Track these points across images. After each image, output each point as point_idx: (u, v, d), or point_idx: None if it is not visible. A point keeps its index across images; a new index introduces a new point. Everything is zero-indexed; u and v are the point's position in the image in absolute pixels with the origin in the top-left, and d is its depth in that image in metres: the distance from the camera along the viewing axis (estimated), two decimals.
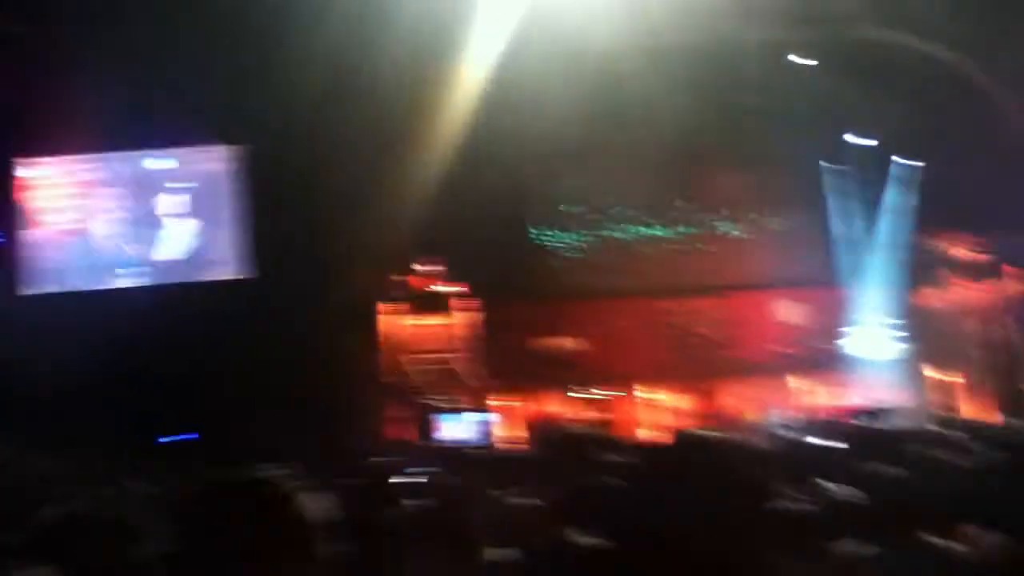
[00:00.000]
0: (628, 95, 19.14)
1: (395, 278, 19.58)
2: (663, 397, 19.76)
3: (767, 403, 19.21)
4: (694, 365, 20.52)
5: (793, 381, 20.06)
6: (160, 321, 17.50)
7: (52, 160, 20.43)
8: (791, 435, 14.01)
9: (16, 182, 20.16)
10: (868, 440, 6.49)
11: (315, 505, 1.81)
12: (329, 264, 17.73)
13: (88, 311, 18.42)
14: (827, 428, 10.97)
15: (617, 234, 22.05)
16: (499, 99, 18.25)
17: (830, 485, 4.85)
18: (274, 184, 18.57)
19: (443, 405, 18.21)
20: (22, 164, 20.21)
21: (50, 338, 17.25)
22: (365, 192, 18.33)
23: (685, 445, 2.01)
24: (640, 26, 18.41)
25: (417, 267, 19.64)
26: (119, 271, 20.21)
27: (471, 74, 18.72)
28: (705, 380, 19.97)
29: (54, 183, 20.47)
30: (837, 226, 21.98)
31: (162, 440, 18.24)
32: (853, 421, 12.48)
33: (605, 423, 18.01)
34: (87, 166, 20.56)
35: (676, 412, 19.22)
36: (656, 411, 19.51)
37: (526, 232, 21.65)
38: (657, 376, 20.02)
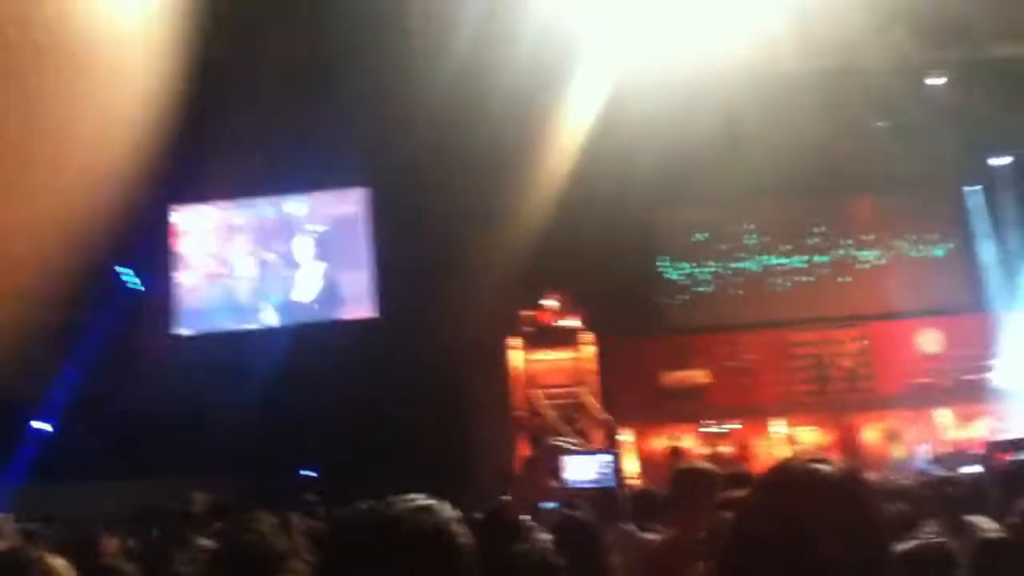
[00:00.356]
0: (758, 122, 18.86)
1: (522, 313, 19.70)
2: (799, 432, 19.05)
3: (911, 437, 18.32)
4: (832, 398, 19.76)
5: (939, 414, 18.98)
6: (296, 359, 18.16)
7: (200, 206, 21.67)
8: (937, 471, 13.34)
9: (169, 228, 21.45)
10: (1021, 475, 6.11)
11: (468, 535, 1.84)
12: (455, 301, 18.00)
13: (231, 350, 19.32)
14: (976, 463, 10.40)
15: (748, 265, 21.55)
16: (626, 132, 18.26)
17: (980, 522, 4.61)
18: (401, 226, 19.05)
19: (570, 441, 18.14)
20: (174, 210, 21.50)
21: (197, 376, 18.17)
22: (490, 229, 18.60)
23: (803, 482, 1.84)
24: (770, 52, 18.21)
25: (544, 302, 19.71)
26: (260, 312, 21.16)
27: (595, 109, 18.85)
28: (844, 414, 19.13)
29: (202, 228, 21.68)
30: (983, 250, 20.93)
31: (302, 473, 18.88)
32: (1004, 455, 11.70)
33: (738, 459, 17.56)
34: (231, 211, 21.70)
35: (814, 448, 18.43)
36: (792, 447, 18.81)
37: (654, 265, 21.42)
38: (792, 410, 19.31)
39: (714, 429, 19.02)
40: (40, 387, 18.45)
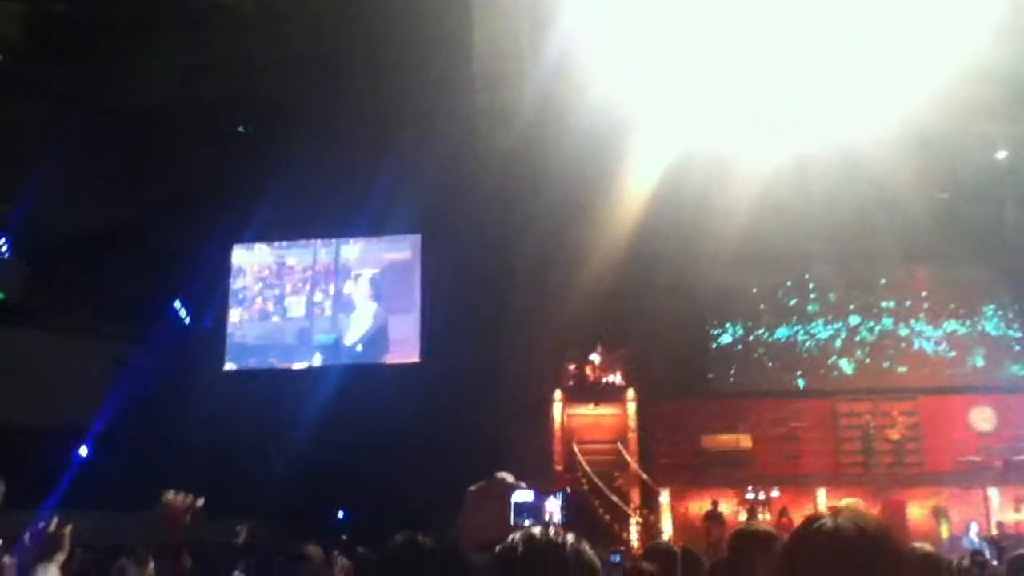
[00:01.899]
0: (818, 190, 18.79)
1: (567, 367, 19.70)
2: (847, 504, 18.56)
3: (959, 516, 17.76)
4: (878, 471, 19.29)
5: (989, 493, 18.36)
6: (339, 401, 18.34)
7: (257, 245, 22.19)
8: (988, 552, 12.96)
9: (226, 266, 21.97)
10: None
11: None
12: (500, 351, 18.08)
13: (277, 388, 19.59)
14: None
15: (799, 331, 21.28)
16: (683, 196, 18.32)
17: None
18: (451, 274, 19.24)
19: (615, 500, 17.97)
20: (235, 251, 22.04)
21: (242, 412, 18.46)
22: (541, 284, 18.72)
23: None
24: (834, 120, 18.23)
25: (593, 357, 19.70)
26: (307, 352, 21.43)
27: (654, 172, 18.99)
28: (890, 488, 18.62)
29: (257, 267, 22.17)
30: None
31: (341, 515, 18.97)
32: None
33: (777, 528, 17.20)
34: (286, 252, 22.17)
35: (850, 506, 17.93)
36: None
37: (703, 327, 21.25)
38: (836, 481, 18.85)
39: (755, 495, 18.64)
40: (86, 417, 18.85)
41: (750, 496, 18.65)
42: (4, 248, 21.60)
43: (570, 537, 1.89)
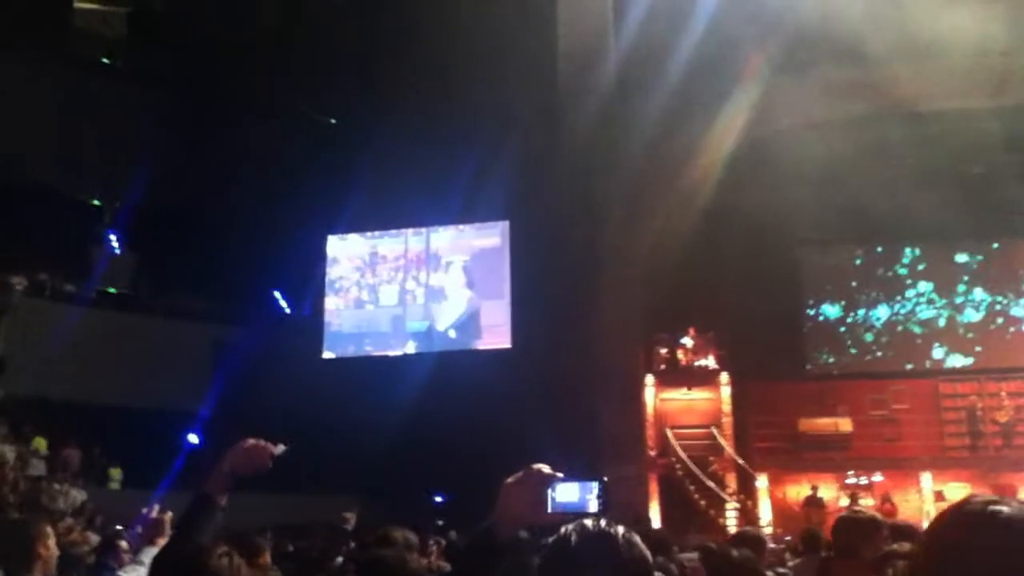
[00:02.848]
0: (919, 162, 18.19)
1: (661, 351, 19.56)
2: (948, 488, 18.00)
3: None
4: (985, 454, 18.63)
5: None
6: (433, 387, 18.61)
7: (352, 235, 22.62)
8: None
9: (324, 256, 22.50)
10: None
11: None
12: (591, 335, 18.06)
13: (372, 375, 20.00)
14: None
15: (900, 310, 20.65)
16: (779, 169, 17.94)
17: None
18: (541, 259, 19.27)
19: (711, 485, 17.84)
20: (330, 240, 22.54)
21: (339, 398, 18.93)
22: (631, 266, 18.62)
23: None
24: (932, 90, 17.63)
25: (685, 341, 19.52)
26: (401, 339, 21.74)
27: (743, 145, 18.68)
28: (997, 471, 17.94)
29: (352, 256, 22.61)
30: None
31: (435, 498, 19.30)
32: None
33: (880, 513, 16.81)
34: (380, 241, 22.53)
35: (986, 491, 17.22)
36: (944, 504, 17.78)
37: (800, 307, 20.81)
38: (941, 465, 18.28)
39: (855, 480, 18.23)
40: (195, 401, 19.59)
41: (851, 481, 18.26)
42: (115, 243, 22.56)
43: (621, 528, 1.92)
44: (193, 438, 19.62)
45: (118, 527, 8.63)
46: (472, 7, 19.14)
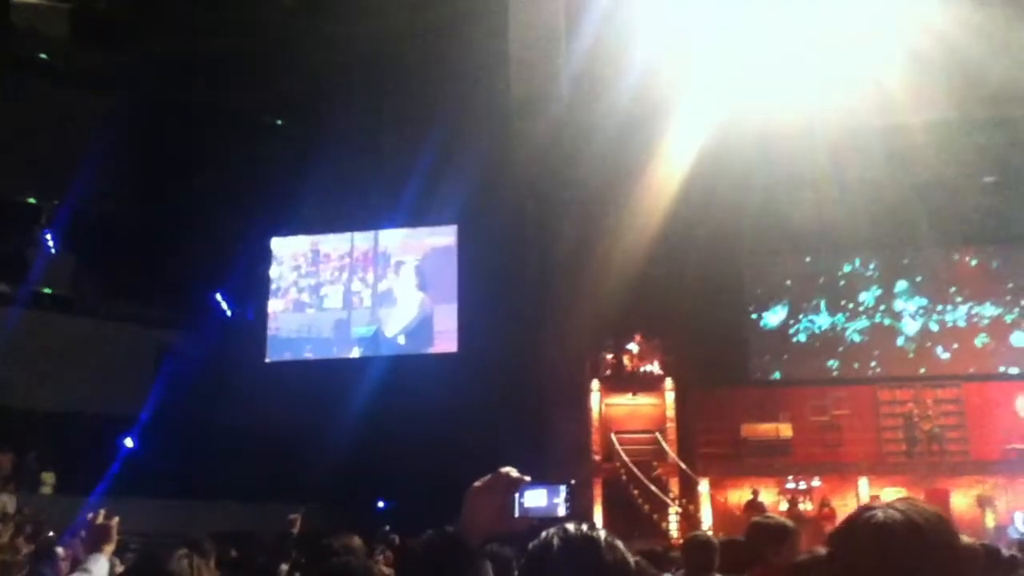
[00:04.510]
0: (861, 172, 18.56)
1: (607, 357, 19.67)
2: (885, 493, 18.36)
3: (1005, 506, 17.53)
4: (921, 460, 19.04)
5: None
6: (378, 391, 18.50)
7: (297, 237, 22.30)
8: None
9: (267, 258, 22.18)
10: None
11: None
12: (538, 341, 18.11)
13: (316, 380, 19.78)
14: None
15: (839, 318, 21.03)
16: (723, 180, 18.22)
17: None
18: (489, 264, 19.28)
19: (654, 490, 17.96)
20: (273, 241, 22.20)
21: (282, 403, 18.70)
22: (578, 271, 18.70)
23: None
24: (875, 103, 18.00)
25: (631, 347, 19.65)
26: (347, 343, 21.42)
27: (691, 155, 18.88)
28: (934, 477, 18.38)
29: (296, 258, 22.30)
30: None
31: (378, 504, 19.16)
32: None
33: (819, 517, 17.10)
34: (327, 242, 22.24)
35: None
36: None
37: (743, 315, 21.08)
38: (879, 470, 18.66)
39: (795, 485, 18.52)
40: (134, 406, 19.22)
41: (791, 485, 18.55)
42: (51, 243, 22.04)
43: (603, 533, 1.91)
44: (129, 443, 19.24)
45: (50, 533, 8.43)
46: (424, 11, 19.12)
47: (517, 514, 2.06)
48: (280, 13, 22.30)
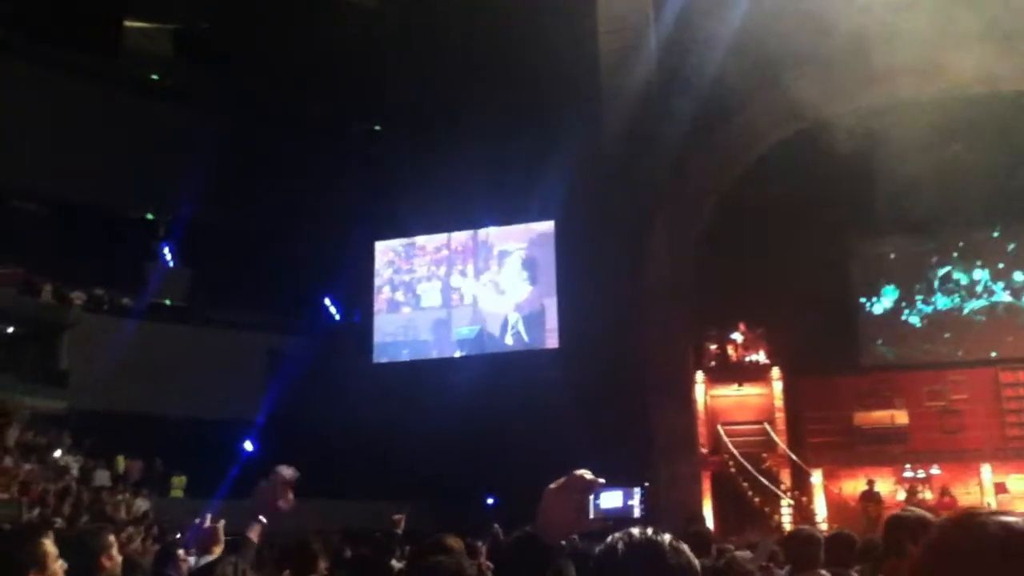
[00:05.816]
0: (973, 150, 17.82)
1: (711, 347, 19.41)
2: (1009, 480, 17.61)
3: None
4: None
5: None
6: (483, 389, 18.67)
7: (407, 247, 22.42)
8: None
9: (371, 262, 22.57)
10: None
11: None
12: (640, 334, 17.98)
13: (422, 379, 20.11)
14: None
15: (956, 300, 20.20)
16: (827, 161, 17.75)
17: None
18: (588, 256, 19.22)
19: (765, 482, 17.66)
20: (378, 246, 22.47)
21: (389, 403, 19.12)
22: (678, 263, 18.52)
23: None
24: (987, 75, 17.28)
25: (734, 336, 19.35)
26: (451, 345, 21.41)
27: (790, 138, 18.50)
28: None
29: (401, 261, 22.56)
30: None
31: (487, 500, 19.38)
32: None
33: (939, 507, 16.48)
34: (433, 254, 22.17)
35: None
36: (1008, 496, 17.38)
37: (852, 299, 20.45)
38: (1001, 456, 17.87)
39: (913, 474, 17.91)
40: (251, 410, 19.93)
41: (908, 474, 17.96)
42: (168, 257, 23.06)
43: (667, 536, 1.94)
44: (248, 446, 19.97)
45: (177, 536, 8.84)
46: (510, 11, 19.25)
47: (592, 515, 2.11)
48: (370, 20, 22.81)
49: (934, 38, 15.99)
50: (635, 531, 1.96)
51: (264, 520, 3.68)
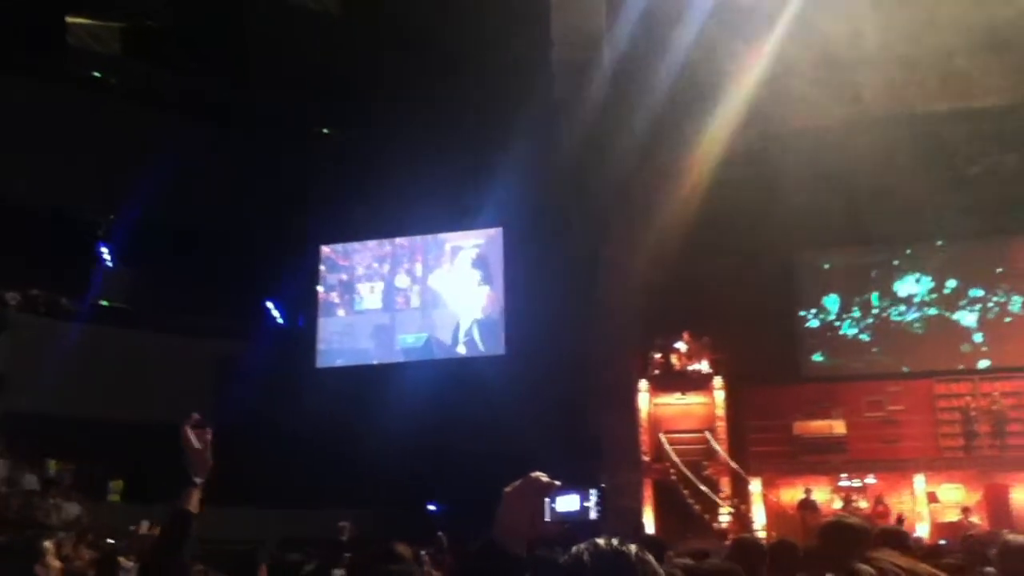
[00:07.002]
0: (911, 164, 18.26)
1: (655, 356, 19.60)
2: (942, 489, 18.06)
3: None
4: (979, 454, 18.66)
5: None
6: (429, 394, 18.64)
7: (346, 244, 22.48)
8: None
9: (316, 266, 22.48)
10: None
11: None
12: (584, 342, 18.12)
13: (367, 385, 19.99)
14: None
15: (892, 312, 20.67)
16: (770, 172, 18.07)
17: None
18: (535, 264, 19.33)
19: (705, 490, 17.87)
20: (324, 249, 22.44)
21: (334, 409, 18.97)
22: (624, 273, 18.68)
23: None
24: (923, 92, 17.76)
25: (678, 345, 19.56)
26: (394, 354, 21.30)
27: (735, 149, 18.79)
28: (992, 472, 17.99)
29: (346, 266, 22.51)
30: None
31: (429, 507, 19.32)
32: None
33: (874, 515, 16.82)
34: (375, 250, 22.36)
35: (963, 508, 17.29)
36: (939, 505, 17.83)
37: (793, 311, 20.82)
38: (935, 466, 18.33)
39: (849, 483, 18.27)
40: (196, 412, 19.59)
41: (844, 483, 18.31)
42: (108, 258, 22.59)
43: (633, 548, 1.95)
44: None
45: (109, 540, 8.67)
46: (465, 16, 19.29)
47: (548, 518, 2.11)
48: (326, 23, 22.66)
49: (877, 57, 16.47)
50: (601, 542, 1.95)
51: (200, 480, 3.11)
